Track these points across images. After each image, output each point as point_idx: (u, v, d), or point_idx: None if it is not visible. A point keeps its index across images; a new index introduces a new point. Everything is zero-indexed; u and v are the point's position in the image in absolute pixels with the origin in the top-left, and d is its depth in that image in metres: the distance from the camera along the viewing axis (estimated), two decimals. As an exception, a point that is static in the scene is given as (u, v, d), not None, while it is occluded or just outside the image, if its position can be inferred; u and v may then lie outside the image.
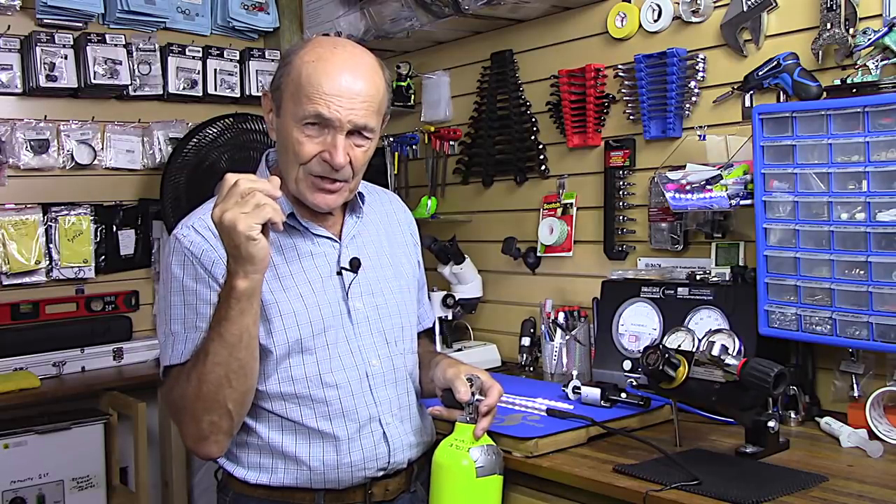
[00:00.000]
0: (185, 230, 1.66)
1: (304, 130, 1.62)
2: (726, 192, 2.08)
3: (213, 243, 1.63)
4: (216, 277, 1.61)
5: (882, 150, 1.82)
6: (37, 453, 2.69)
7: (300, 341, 1.65)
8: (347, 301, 1.72)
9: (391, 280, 1.81)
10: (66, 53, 2.97)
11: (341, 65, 1.63)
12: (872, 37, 1.93)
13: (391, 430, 1.72)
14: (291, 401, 1.66)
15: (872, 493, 1.53)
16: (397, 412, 1.75)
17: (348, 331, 1.71)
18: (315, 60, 1.62)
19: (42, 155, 2.98)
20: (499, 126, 2.91)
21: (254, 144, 3.19)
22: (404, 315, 1.82)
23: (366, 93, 1.63)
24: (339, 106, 1.60)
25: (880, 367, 1.98)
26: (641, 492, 1.57)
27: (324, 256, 1.73)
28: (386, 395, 1.73)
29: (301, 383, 1.65)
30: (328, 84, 1.60)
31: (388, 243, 1.87)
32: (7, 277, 2.91)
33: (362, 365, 1.71)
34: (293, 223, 1.71)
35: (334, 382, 1.67)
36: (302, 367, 1.66)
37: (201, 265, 1.63)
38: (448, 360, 1.82)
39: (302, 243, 1.72)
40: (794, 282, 1.97)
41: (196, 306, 1.62)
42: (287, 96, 1.65)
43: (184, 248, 1.64)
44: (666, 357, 1.78)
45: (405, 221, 1.96)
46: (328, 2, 3.12)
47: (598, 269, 2.60)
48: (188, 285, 1.63)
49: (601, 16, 2.59)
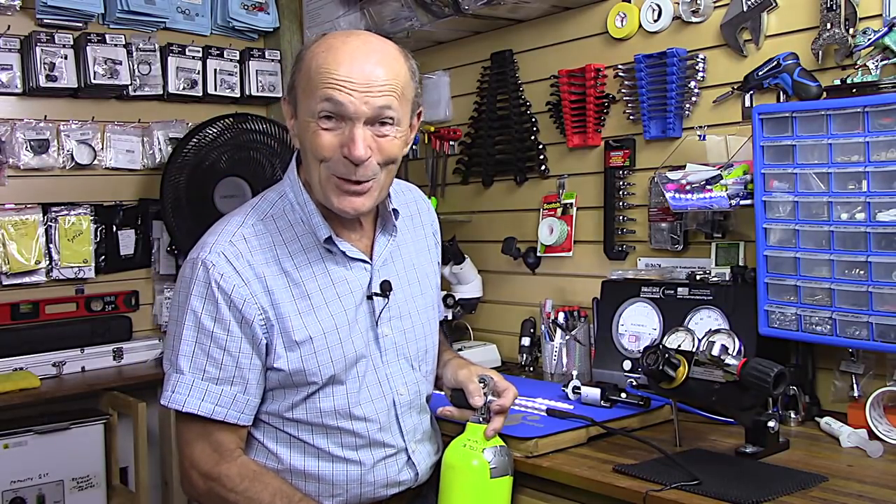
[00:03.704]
0: (215, 257, 1.54)
1: (321, 124, 1.50)
2: (726, 192, 2.08)
3: (246, 277, 1.54)
4: (245, 316, 1.53)
5: (882, 150, 1.82)
6: (37, 453, 2.69)
7: (334, 376, 1.60)
8: (377, 328, 1.66)
9: (418, 298, 1.76)
10: (66, 53, 2.97)
11: (353, 50, 1.51)
12: (872, 37, 1.92)
13: (416, 457, 1.71)
14: (319, 430, 1.61)
15: (872, 493, 1.53)
16: (420, 436, 1.74)
17: (376, 359, 1.66)
18: (326, 50, 1.52)
19: (42, 155, 2.98)
20: (499, 126, 2.91)
21: (254, 144, 3.19)
22: (429, 336, 1.78)
23: (382, 76, 1.50)
24: (353, 90, 1.48)
25: (880, 367, 1.98)
26: (641, 492, 1.57)
27: (356, 282, 1.65)
28: (412, 423, 1.71)
29: (329, 416, 1.61)
30: (340, 69, 1.49)
31: (416, 256, 1.79)
32: (7, 277, 2.90)
33: (390, 394, 1.67)
34: (330, 247, 1.62)
35: (363, 415, 1.63)
36: (331, 399, 1.60)
37: (229, 302, 1.52)
38: (459, 361, 1.81)
39: (335, 268, 1.63)
40: (794, 282, 1.97)
41: (209, 350, 1.53)
42: (300, 92, 1.55)
43: (211, 279, 1.52)
44: (666, 357, 1.78)
45: (428, 221, 1.87)
46: (328, 2, 3.12)
47: (598, 269, 2.60)
48: (205, 325, 1.53)
49: (601, 16, 2.59)
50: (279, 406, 1.61)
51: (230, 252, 1.55)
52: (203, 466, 1.56)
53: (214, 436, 1.56)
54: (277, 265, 1.58)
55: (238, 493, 1.53)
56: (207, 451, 1.56)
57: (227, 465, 1.55)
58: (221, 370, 1.54)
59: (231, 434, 1.58)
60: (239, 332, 1.54)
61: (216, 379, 1.54)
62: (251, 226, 1.61)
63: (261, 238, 1.59)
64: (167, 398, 1.55)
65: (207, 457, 1.56)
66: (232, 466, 1.55)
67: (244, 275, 1.54)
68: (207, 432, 1.56)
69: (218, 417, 1.55)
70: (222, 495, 1.54)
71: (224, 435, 1.57)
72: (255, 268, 1.55)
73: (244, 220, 1.62)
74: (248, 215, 1.64)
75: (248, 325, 1.53)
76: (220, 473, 1.55)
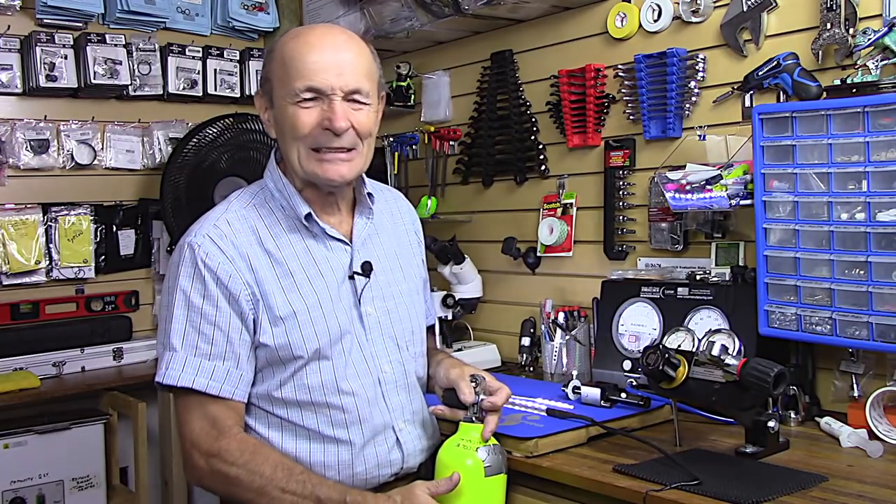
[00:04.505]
0: (200, 238, 1.62)
1: (300, 104, 1.62)
2: (726, 192, 2.08)
3: (231, 255, 1.61)
4: (231, 291, 1.60)
5: (882, 150, 1.82)
6: (37, 453, 2.69)
7: (319, 350, 1.64)
8: (360, 307, 1.71)
9: (401, 283, 1.81)
10: (66, 53, 2.97)
11: (321, 37, 1.65)
12: (872, 37, 1.92)
13: (404, 436, 1.73)
14: (307, 408, 1.64)
15: (872, 493, 1.53)
16: (410, 417, 1.75)
17: (361, 337, 1.70)
18: (294, 38, 1.66)
19: (42, 155, 2.98)
20: (499, 126, 2.91)
21: (254, 144, 3.19)
22: (414, 319, 1.82)
23: (351, 59, 1.64)
24: (327, 73, 1.61)
25: (880, 367, 1.98)
26: (641, 492, 1.57)
27: (338, 261, 1.71)
28: (398, 402, 1.73)
29: (317, 391, 1.64)
30: (312, 56, 1.62)
31: (397, 245, 1.86)
32: (7, 277, 2.91)
33: (375, 371, 1.71)
34: (309, 225, 1.69)
35: (350, 389, 1.66)
36: (318, 374, 1.64)
37: (215, 279, 1.59)
38: (451, 360, 1.82)
39: (315, 247, 1.70)
40: (794, 282, 1.97)
41: (200, 326, 1.59)
42: (276, 81, 1.66)
43: (197, 258, 1.60)
44: (666, 357, 1.78)
45: (409, 220, 1.95)
46: (328, 2, 3.12)
47: (598, 269, 2.60)
48: (194, 302, 1.60)
49: (601, 16, 2.59)
50: (268, 386, 1.64)
51: (214, 234, 1.63)
52: (203, 444, 1.58)
53: (211, 413, 1.60)
54: (260, 246, 1.66)
55: (239, 466, 1.56)
56: (206, 428, 1.59)
57: (226, 440, 1.58)
58: (213, 346, 1.59)
59: (228, 410, 1.61)
60: (227, 307, 1.60)
61: (208, 354, 1.59)
62: (234, 212, 1.70)
63: (243, 222, 1.68)
64: (161, 375, 1.59)
65: (206, 434, 1.59)
66: (231, 441, 1.58)
67: (228, 253, 1.61)
68: (204, 409, 1.60)
69: (213, 392, 1.58)
70: (224, 471, 1.56)
71: (221, 411, 1.60)
72: (238, 248, 1.63)
73: (228, 208, 1.71)
74: (231, 204, 1.73)
75: (235, 300, 1.60)
76: (219, 449, 1.57)
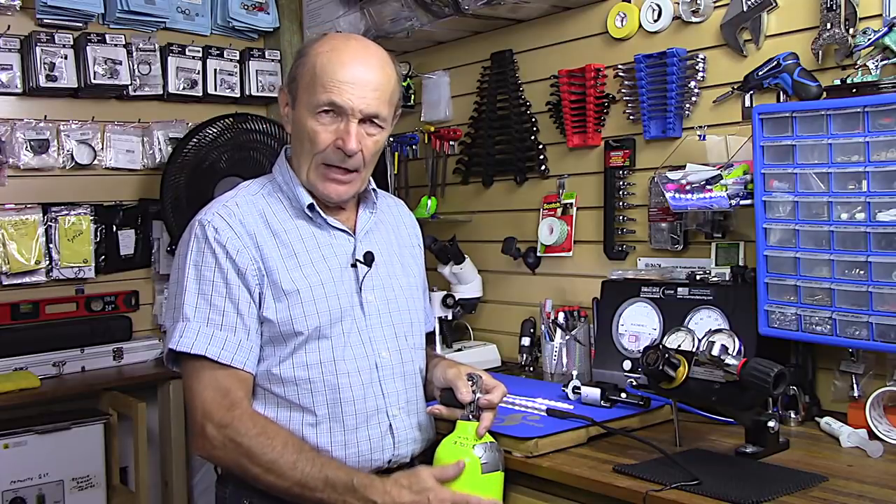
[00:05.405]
0: (211, 216, 1.70)
1: (319, 119, 1.69)
2: (726, 192, 2.08)
3: (239, 231, 1.68)
4: (239, 266, 1.66)
5: (882, 150, 1.82)
6: (37, 453, 2.69)
7: (319, 328, 1.69)
8: (361, 293, 1.76)
9: (401, 277, 1.86)
10: (66, 53, 2.97)
11: (354, 55, 1.71)
12: (872, 37, 1.92)
13: (397, 423, 1.75)
14: (304, 385, 1.68)
15: (872, 493, 1.53)
16: (404, 405, 1.78)
17: (360, 322, 1.75)
18: (329, 51, 1.71)
19: (42, 155, 2.98)
20: (499, 126, 2.91)
21: (254, 144, 3.19)
22: (413, 311, 1.86)
23: (377, 82, 1.71)
24: (352, 94, 1.67)
25: (880, 367, 1.98)
26: (641, 492, 1.57)
27: (341, 248, 1.78)
28: (394, 388, 1.76)
29: (315, 368, 1.69)
30: (342, 73, 1.67)
31: (398, 244, 1.92)
32: (7, 277, 2.90)
33: (372, 356, 1.75)
34: (313, 215, 1.76)
35: (346, 370, 1.71)
36: (317, 352, 1.69)
37: (224, 253, 1.66)
38: (447, 362, 1.85)
39: (320, 234, 1.77)
40: (794, 282, 1.97)
41: (211, 298, 1.65)
42: (302, 87, 1.72)
43: (208, 234, 1.67)
44: (666, 357, 1.78)
45: (410, 226, 2.01)
46: (328, 2, 3.12)
47: (598, 269, 2.59)
48: (205, 275, 1.66)
49: (601, 16, 2.59)
50: (269, 363, 1.69)
51: (224, 212, 1.71)
52: (216, 415, 1.62)
53: (223, 382, 1.64)
54: (267, 228, 1.73)
55: (251, 437, 1.59)
56: (218, 398, 1.63)
57: (239, 411, 1.62)
58: (224, 316, 1.65)
59: (238, 381, 1.65)
60: (237, 279, 1.66)
61: (220, 325, 1.64)
62: (243, 196, 1.78)
63: (251, 206, 1.75)
64: (175, 342, 1.64)
65: (218, 404, 1.63)
66: (244, 413, 1.63)
67: (236, 230, 1.69)
68: (216, 379, 1.64)
69: (225, 361, 1.63)
70: (237, 440, 1.59)
71: (232, 382, 1.64)
72: (246, 227, 1.71)
73: (237, 193, 1.79)
74: (241, 190, 1.81)
75: (243, 274, 1.66)
76: (232, 419, 1.61)
